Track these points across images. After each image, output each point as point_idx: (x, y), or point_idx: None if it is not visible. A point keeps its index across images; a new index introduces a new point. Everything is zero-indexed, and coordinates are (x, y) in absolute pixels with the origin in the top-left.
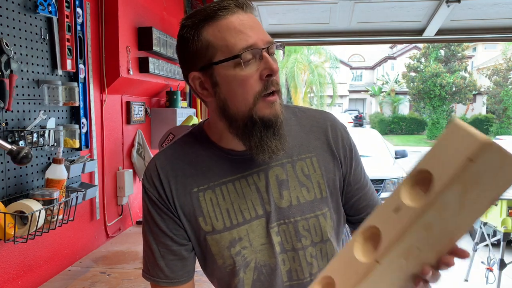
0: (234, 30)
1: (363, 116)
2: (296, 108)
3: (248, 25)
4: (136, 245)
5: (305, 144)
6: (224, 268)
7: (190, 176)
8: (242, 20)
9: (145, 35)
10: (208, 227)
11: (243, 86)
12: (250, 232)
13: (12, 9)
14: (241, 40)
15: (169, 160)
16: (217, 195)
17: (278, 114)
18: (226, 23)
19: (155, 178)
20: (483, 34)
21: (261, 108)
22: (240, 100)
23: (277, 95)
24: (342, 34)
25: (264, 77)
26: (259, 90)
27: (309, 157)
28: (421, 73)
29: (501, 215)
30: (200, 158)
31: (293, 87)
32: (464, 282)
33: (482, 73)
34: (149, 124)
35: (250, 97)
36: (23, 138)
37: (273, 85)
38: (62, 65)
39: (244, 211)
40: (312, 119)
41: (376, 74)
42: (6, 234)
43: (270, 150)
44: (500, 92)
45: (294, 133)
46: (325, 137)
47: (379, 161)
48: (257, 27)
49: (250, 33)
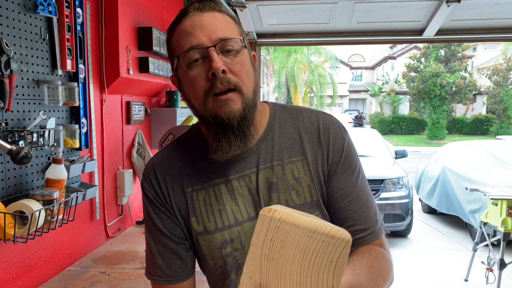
0: (184, 32)
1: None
2: (293, 109)
3: (199, 25)
4: (136, 245)
5: (297, 147)
6: (215, 270)
7: (186, 176)
8: (194, 21)
9: (145, 35)
10: (200, 227)
11: (192, 86)
12: (242, 234)
13: (12, 9)
14: (187, 41)
15: (166, 160)
16: (210, 196)
17: (233, 113)
18: (181, 27)
19: (152, 177)
20: (483, 34)
21: (212, 106)
22: (195, 99)
23: (233, 93)
24: (342, 34)
25: (210, 76)
26: (206, 88)
27: (300, 160)
28: (421, 73)
29: (501, 215)
30: (195, 158)
31: (293, 87)
32: (464, 282)
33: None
34: (149, 124)
35: (200, 96)
36: (23, 138)
37: (222, 83)
38: (62, 65)
39: (236, 213)
40: (307, 121)
41: (376, 74)
42: (6, 234)
43: (226, 149)
44: (500, 92)
45: (287, 135)
46: (318, 139)
47: (379, 161)
48: (209, 26)
49: (197, 33)
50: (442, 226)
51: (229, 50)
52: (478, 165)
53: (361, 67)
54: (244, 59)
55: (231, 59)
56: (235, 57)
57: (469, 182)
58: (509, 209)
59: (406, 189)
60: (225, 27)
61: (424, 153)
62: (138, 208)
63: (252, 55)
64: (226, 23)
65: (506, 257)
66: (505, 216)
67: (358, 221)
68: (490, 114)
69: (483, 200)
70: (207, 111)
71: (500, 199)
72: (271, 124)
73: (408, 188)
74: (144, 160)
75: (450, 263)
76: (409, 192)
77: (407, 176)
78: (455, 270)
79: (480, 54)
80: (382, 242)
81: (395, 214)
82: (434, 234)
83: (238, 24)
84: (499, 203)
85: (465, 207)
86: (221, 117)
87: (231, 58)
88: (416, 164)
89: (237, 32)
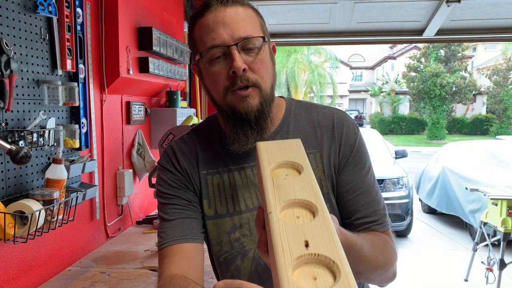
0: (207, 28)
1: (363, 116)
2: (308, 104)
3: (222, 22)
4: (136, 245)
5: (311, 140)
6: (220, 256)
7: (202, 160)
8: (217, 17)
9: (145, 35)
10: (211, 211)
11: (213, 81)
12: (251, 220)
13: (12, 9)
14: (209, 39)
15: (185, 144)
16: (224, 181)
17: (251, 108)
18: (203, 22)
19: (171, 156)
20: (483, 34)
21: (232, 101)
22: (215, 93)
23: (251, 89)
24: (342, 34)
25: (231, 73)
26: (227, 85)
27: (312, 152)
28: (421, 73)
29: (501, 215)
30: (212, 145)
31: (293, 87)
32: (464, 282)
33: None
34: (149, 124)
35: (220, 91)
36: (23, 138)
37: (242, 81)
38: (62, 65)
39: (247, 200)
40: (322, 115)
41: (376, 74)
42: (6, 234)
43: (242, 142)
44: (500, 92)
45: (302, 129)
46: (332, 133)
47: (379, 161)
48: (232, 23)
49: (220, 31)
50: (442, 226)
51: (250, 48)
52: (478, 165)
53: (361, 67)
54: (264, 57)
55: (252, 57)
56: (256, 55)
57: (469, 182)
58: (509, 209)
59: (406, 189)
60: (247, 24)
61: (424, 153)
62: (138, 208)
63: (272, 47)
64: (248, 18)
65: (506, 257)
66: (505, 216)
67: (367, 214)
68: (490, 114)
69: (483, 200)
70: (226, 104)
71: (500, 199)
72: (286, 117)
73: (408, 188)
74: (144, 160)
75: (450, 263)
76: (409, 192)
77: (407, 176)
78: (455, 270)
79: (480, 54)
80: (390, 234)
81: (395, 214)
82: (434, 234)
83: (260, 17)
84: (499, 203)
85: (465, 207)
86: (239, 111)
87: (252, 56)
88: (416, 164)
89: (258, 28)
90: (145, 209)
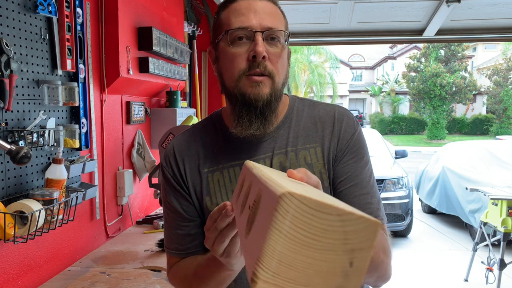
0: (238, 12)
1: (363, 116)
2: (310, 101)
3: (253, 9)
4: (136, 245)
5: (312, 135)
6: None
7: (203, 158)
8: (250, 5)
9: (145, 35)
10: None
11: (231, 62)
12: None
13: (12, 9)
14: (238, 21)
15: (186, 142)
16: (224, 177)
17: (261, 96)
18: (235, 6)
19: (171, 157)
20: (483, 34)
21: (244, 85)
22: (228, 75)
23: (266, 78)
24: (342, 34)
25: (251, 58)
26: (243, 68)
27: (313, 147)
28: (421, 73)
29: (501, 215)
30: (213, 142)
31: (293, 87)
32: (464, 282)
33: (482, 73)
34: (149, 124)
35: (235, 73)
36: (23, 138)
37: (259, 67)
38: (62, 65)
39: None
40: (323, 111)
41: (376, 74)
42: (6, 234)
43: (245, 126)
44: (500, 92)
45: (303, 124)
46: (332, 128)
47: (379, 161)
48: (262, 13)
49: (250, 16)
50: (442, 226)
51: (273, 40)
52: (478, 165)
53: (361, 67)
54: (283, 53)
55: (273, 48)
56: (277, 48)
57: (469, 182)
58: (509, 209)
59: (406, 189)
60: (276, 19)
61: (424, 153)
62: (138, 208)
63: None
64: (278, 15)
65: (506, 257)
66: (505, 216)
67: (360, 206)
68: (490, 114)
69: (483, 200)
70: (237, 88)
71: (500, 199)
72: (289, 113)
73: (408, 188)
74: (144, 160)
75: (450, 263)
76: (409, 192)
77: (407, 176)
78: (455, 270)
79: (480, 54)
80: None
81: (395, 214)
82: (434, 234)
83: (286, 18)
84: (499, 203)
85: (465, 207)
86: (249, 97)
87: (273, 47)
88: (416, 164)
89: (284, 26)
90: (145, 209)
